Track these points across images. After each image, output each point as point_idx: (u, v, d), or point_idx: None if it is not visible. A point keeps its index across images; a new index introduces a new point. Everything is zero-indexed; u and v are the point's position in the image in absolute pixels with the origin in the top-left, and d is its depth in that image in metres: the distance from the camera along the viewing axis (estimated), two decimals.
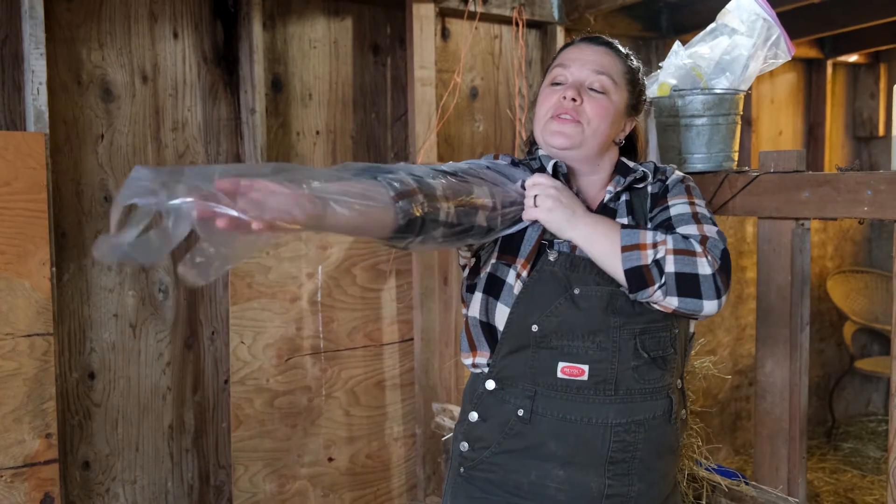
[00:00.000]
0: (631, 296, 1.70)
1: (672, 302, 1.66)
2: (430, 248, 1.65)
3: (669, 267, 1.65)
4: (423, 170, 1.61)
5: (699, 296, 1.65)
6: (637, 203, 1.86)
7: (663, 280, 1.65)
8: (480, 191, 1.66)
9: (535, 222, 1.77)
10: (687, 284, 1.65)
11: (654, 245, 1.67)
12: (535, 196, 1.72)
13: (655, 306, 1.71)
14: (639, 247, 1.68)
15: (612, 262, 1.69)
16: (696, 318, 1.75)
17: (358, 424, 3.47)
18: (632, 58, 1.91)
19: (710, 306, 1.66)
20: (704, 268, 1.65)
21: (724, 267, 1.68)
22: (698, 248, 1.67)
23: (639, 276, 1.66)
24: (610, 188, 1.85)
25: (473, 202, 1.63)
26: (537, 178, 1.75)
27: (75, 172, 3.01)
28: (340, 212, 1.32)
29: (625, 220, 1.83)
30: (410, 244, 1.55)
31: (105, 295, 3.08)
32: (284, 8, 3.41)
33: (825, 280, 5.40)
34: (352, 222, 1.35)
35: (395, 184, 1.47)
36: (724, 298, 1.68)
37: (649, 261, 1.66)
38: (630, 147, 1.97)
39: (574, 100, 1.78)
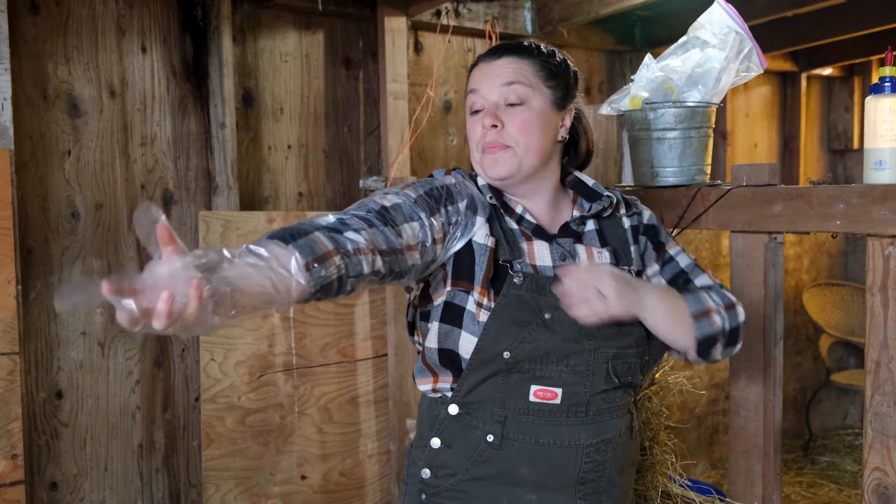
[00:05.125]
0: (693, 359, 1.75)
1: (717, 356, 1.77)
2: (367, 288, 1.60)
3: (726, 325, 1.73)
4: (350, 216, 1.51)
5: (736, 342, 1.77)
6: (611, 234, 1.79)
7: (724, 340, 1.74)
8: (410, 229, 1.57)
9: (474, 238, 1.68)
10: (733, 336, 1.75)
11: (717, 310, 1.73)
12: (598, 289, 1.59)
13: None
14: (707, 313, 1.72)
15: (683, 332, 1.71)
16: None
17: (331, 442, 3.43)
18: (541, 49, 1.78)
19: (738, 348, 1.79)
20: (742, 316, 1.76)
21: None
22: (734, 298, 1.76)
23: (711, 343, 1.72)
24: (576, 212, 1.79)
25: (401, 247, 1.53)
26: (580, 272, 1.60)
27: (41, 189, 2.96)
28: (246, 290, 1.24)
29: (605, 252, 1.76)
30: (338, 297, 1.47)
31: (73, 313, 3.03)
32: (255, 21, 3.38)
33: (801, 293, 5.40)
34: (261, 298, 1.27)
35: (307, 249, 1.36)
36: None
37: (718, 326, 1.71)
38: (574, 143, 1.87)
39: (494, 125, 1.70)
